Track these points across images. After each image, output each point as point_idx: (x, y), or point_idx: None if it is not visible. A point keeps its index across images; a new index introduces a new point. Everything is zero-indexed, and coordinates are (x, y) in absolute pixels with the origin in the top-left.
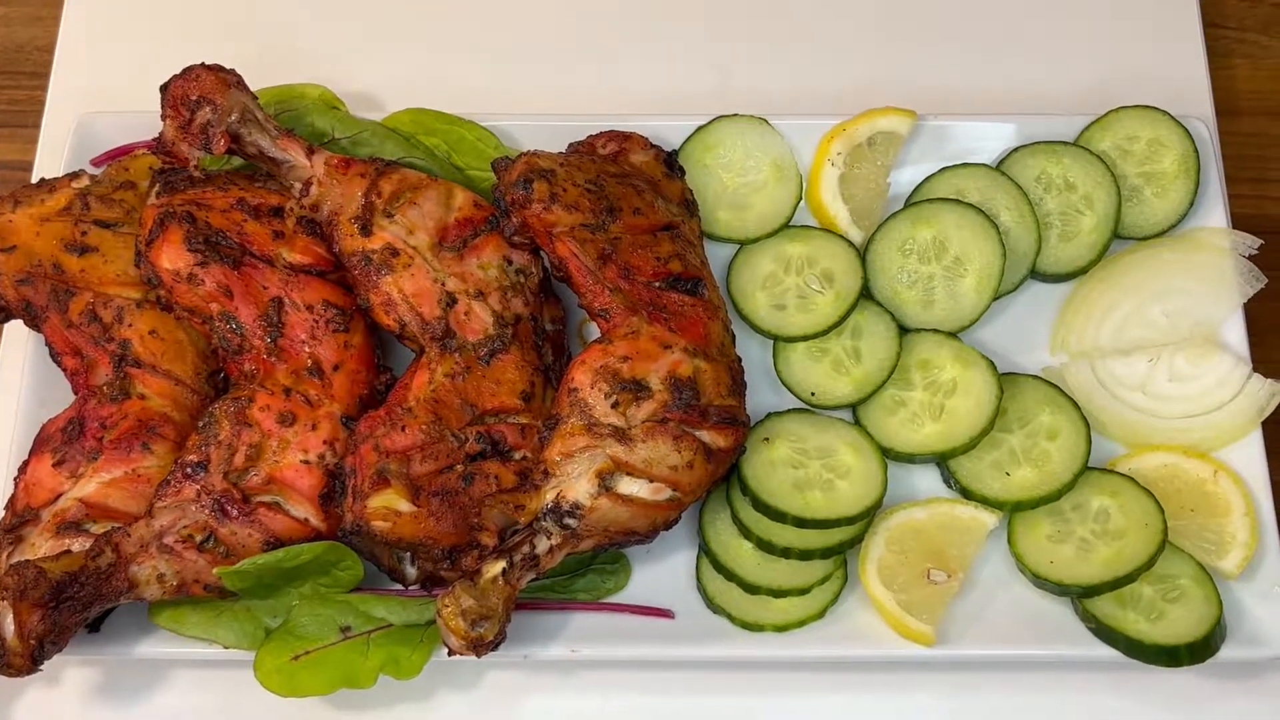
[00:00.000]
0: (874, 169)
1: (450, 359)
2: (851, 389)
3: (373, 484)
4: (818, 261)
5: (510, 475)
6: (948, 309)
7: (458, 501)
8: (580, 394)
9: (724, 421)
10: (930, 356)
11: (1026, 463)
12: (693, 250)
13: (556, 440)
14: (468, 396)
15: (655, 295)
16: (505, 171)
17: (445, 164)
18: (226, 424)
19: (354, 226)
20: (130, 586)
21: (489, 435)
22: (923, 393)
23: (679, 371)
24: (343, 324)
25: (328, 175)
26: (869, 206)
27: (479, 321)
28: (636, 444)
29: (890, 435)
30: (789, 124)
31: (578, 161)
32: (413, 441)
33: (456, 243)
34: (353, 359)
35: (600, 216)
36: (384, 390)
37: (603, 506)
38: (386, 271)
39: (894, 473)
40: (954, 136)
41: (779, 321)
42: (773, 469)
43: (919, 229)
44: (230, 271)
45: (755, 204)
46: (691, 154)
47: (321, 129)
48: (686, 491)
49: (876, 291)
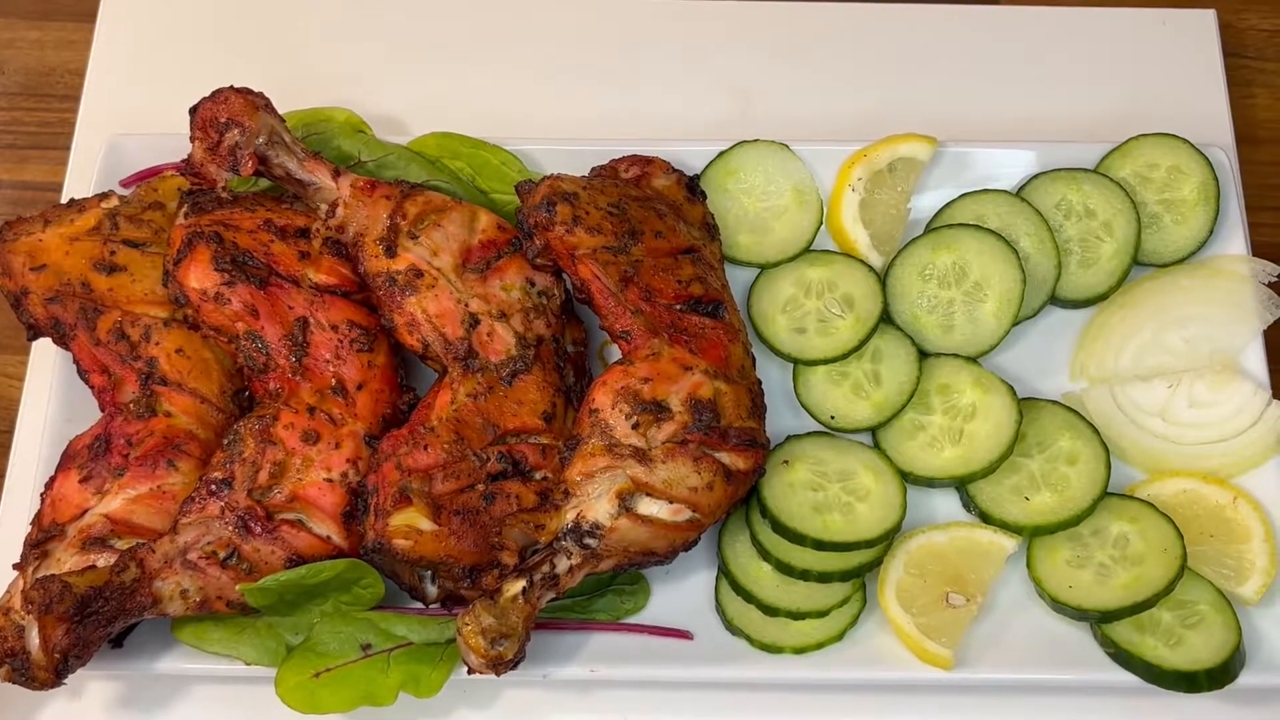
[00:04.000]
0: (894, 194)
1: (473, 379)
2: (871, 412)
3: (395, 502)
4: (838, 286)
5: (531, 495)
6: (968, 334)
7: (479, 520)
8: (601, 415)
9: (744, 443)
10: (950, 381)
11: (1046, 488)
12: (714, 273)
13: (577, 460)
14: (489, 416)
15: (676, 318)
16: (529, 194)
17: (469, 187)
18: (251, 441)
19: (379, 248)
20: (154, 602)
21: (510, 455)
22: (942, 417)
23: (699, 393)
24: (367, 344)
25: (353, 197)
26: (889, 231)
27: (501, 342)
28: (657, 465)
29: (910, 459)
30: (810, 149)
31: (600, 185)
32: (435, 460)
33: (480, 264)
34: (376, 378)
35: (622, 239)
36: (407, 410)
37: (622, 527)
38: (410, 292)
39: (913, 496)
40: (974, 163)
41: (799, 345)
42: (792, 491)
43: (939, 254)
44: (256, 291)
45: (776, 228)
46: (713, 178)
47: (348, 152)
48: (706, 513)
49: (896, 316)
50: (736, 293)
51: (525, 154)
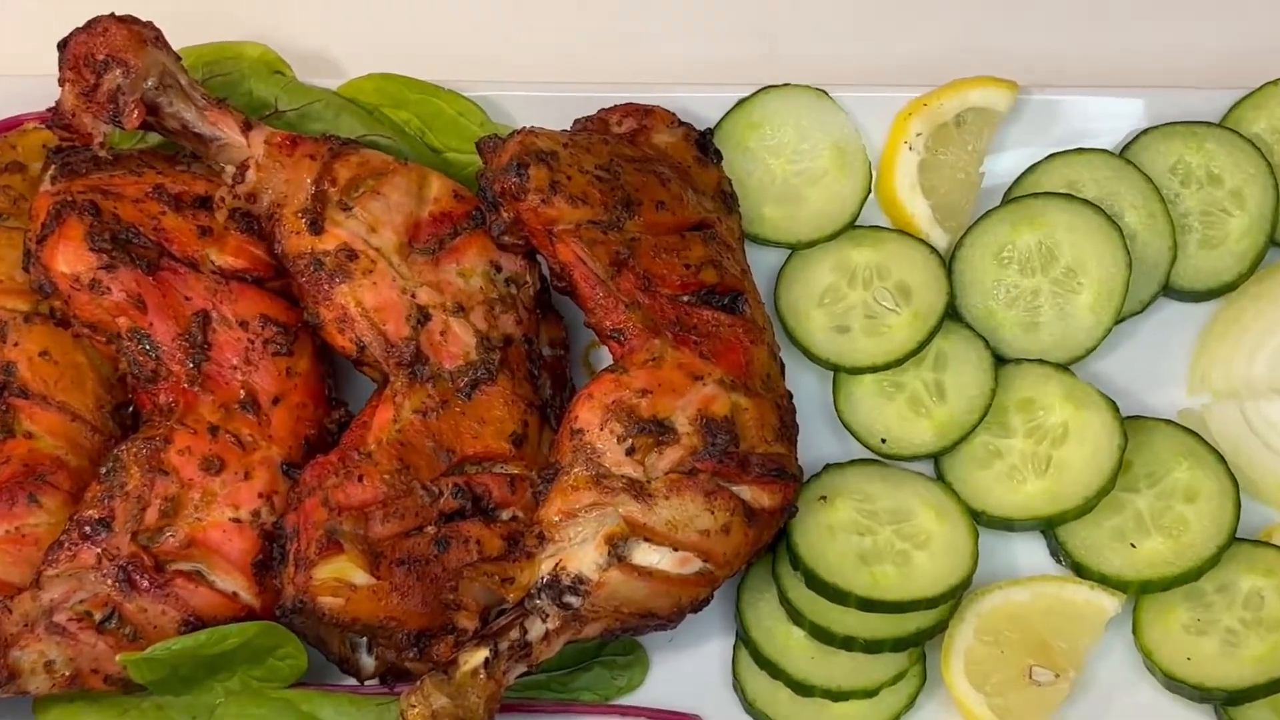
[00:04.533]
0: (963, 155)
1: (421, 391)
2: (933, 435)
3: (321, 549)
4: (891, 272)
5: (495, 540)
6: (1057, 334)
7: (428, 573)
8: (586, 437)
9: (770, 474)
10: (1034, 394)
11: (1157, 531)
12: (731, 255)
13: (556, 496)
14: (443, 439)
15: (683, 312)
16: (494, 153)
17: (418, 144)
18: (136, 471)
19: (301, 222)
20: (10, 676)
21: (469, 489)
22: (1024, 440)
23: (713, 409)
24: (285, 345)
25: (269, 157)
26: (956, 202)
27: (458, 344)
28: (658, 502)
29: (983, 494)
30: (855, 97)
31: (586, 142)
32: (372, 495)
33: (431, 243)
34: (297, 390)
35: (614, 212)
36: (336, 430)
37: (614, 581)
38: (342, 279)
39: (987, 542)
40: (1066, 115)
41: (841, 347)
42: (832, 536)
43: (1021, 232)
44: (144, 277)
45: (811, 198)
46: (731, 134)
47: (262, 98)
48: (721, 563)
49: (966, 311)
50: (761, 280)
51: (490, 102)
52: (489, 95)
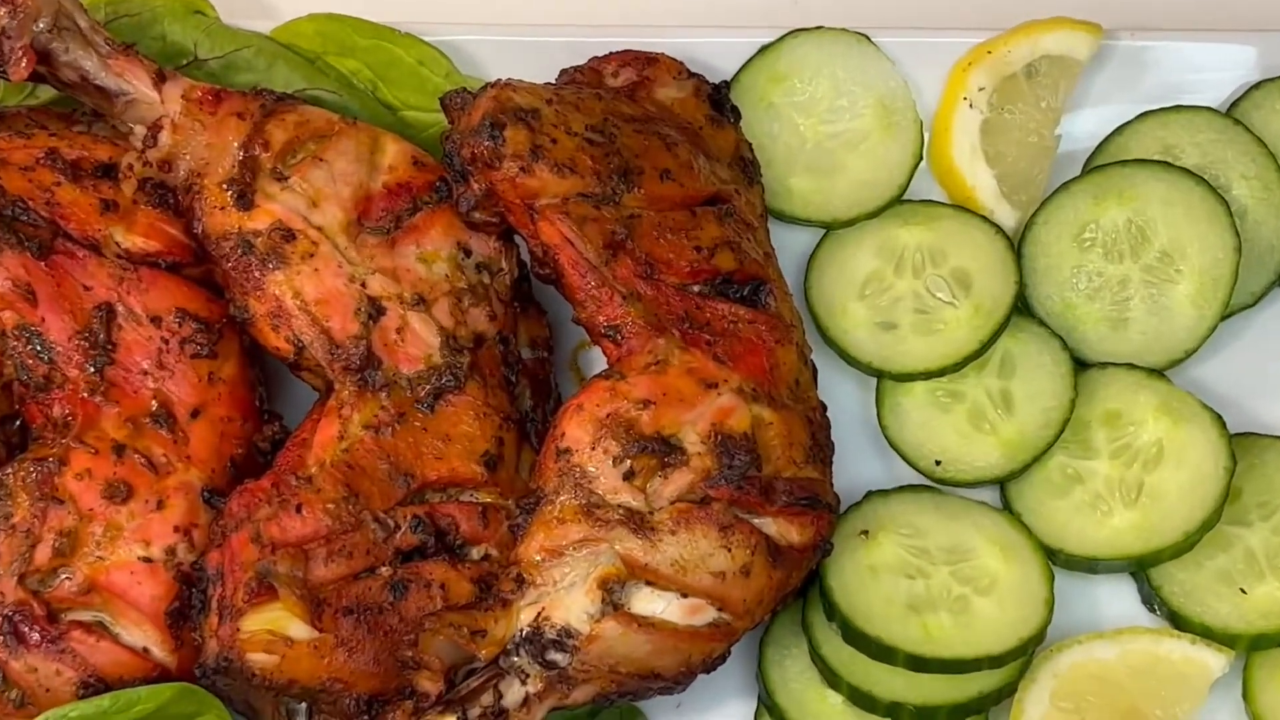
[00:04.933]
0: (1036, 113)
1: (373, 402)
2: (999, 455)
3: (250, 594)
4: (947, 256)
5: (463, 584)
6: (1149, 332)
7: (381, 624)
8: (575, 458)
9: (799, 504)
10: (1122, 406)
11: (1273, 574)
12: (751, 236)
13: (538, 530)
14: (400, 460)
15: (693, 305)
16: (462, 111)
17: (369, 100)
18: (24, 499)
19: (227, 195)
20: None
21: (431, 521)
22: (1110, 463)
23: (729, 424)
24: (206, 346)
25: (187, 115)
26: (1027, 171)
27: (418, 344)
28: (662, 537)
29: (1059, 528)
30: (903, 43)
31: (575, 98)
32: (313, 529)
33: (385, 222)
34: (221, 400)
35: (609, 182)
36: (269, 449)
37: (609, 634)
38: (276, 265)
39: (1064, 586)
40: (1161, 64)
41: (886, 348)
42: (875, 579)
43: (1106, 207)
44: (34, 263)
45: (850, 166)
46: (752, 88)
47: (179, 44)
48: (739, 612)
49: (1039, 304)
50: (788, 267)
51: (457, 49)
52: (456, 40)
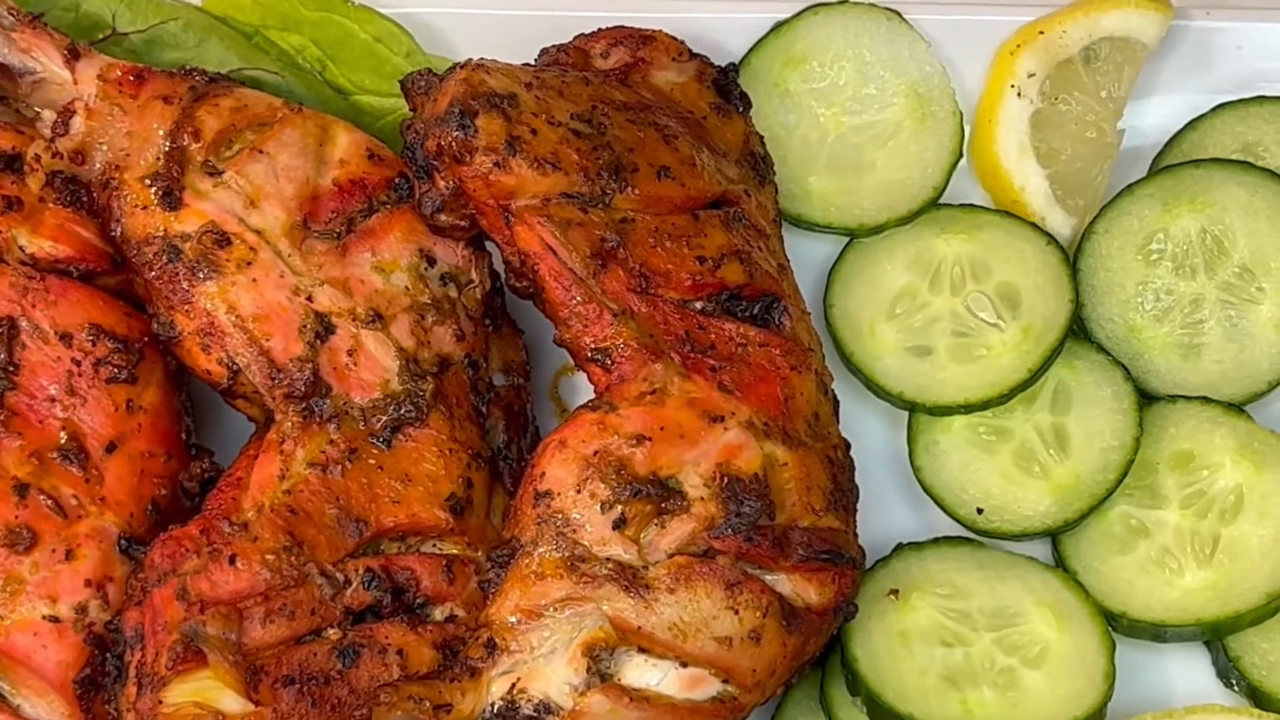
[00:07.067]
0: (1095, 104)
1: (320, 435)
2: (1050, 503)
3: (175, 660)
4: (990, 270)
5: (425, 649)
6: (1227, 360)
7: (328, 696)
8: (557, 502)
9: (818, 558)
10: (1195, 447)
11: None
12: (763, 245)
13: (513, 587)
14: (351, 504)
15: (695, 324)
16: (426, 96)
17: (316, 81)
18: None
19: (150, 192)
20: None
21: (387, 575)
22: (1181, 513)
23: (737, 465)
24: (124, 369)
25: (104, 98)
26: (1084, 172)
27: (374, 368)
28: (659, 596)
29: (1122, 589)
30: (941, 20)
31: (558, 82)
32: (249, 584)
33: (335, 224)
34: (141, 433)
35: (598, 181)
36: (197, 490)
37: (595, 710)
38: (208, 274)
39: (1127, 657)
40: (1240, 48)
41: (920, 377)
42: (906, 647)
43: (1176, 215)
44: None
45: (878, 164)
46: (764, 71)
47: (95, 15)
48: (747, 684)
49: (1098, 327)
50: (805, 280)
51: (418, 23)
52: (417, 13)
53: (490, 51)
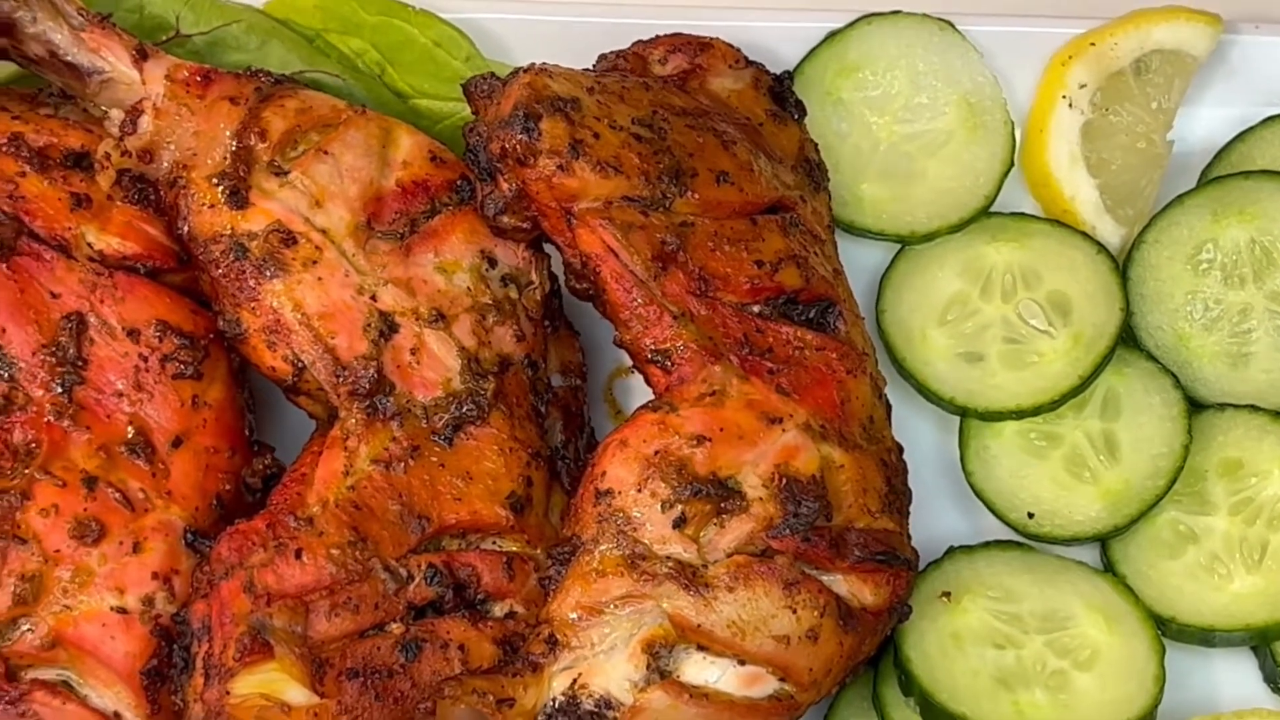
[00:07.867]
0: (1145, 115)
1: (384, 433)
2: (1101, 508)
3: (242, 653)
4: (1041, 278)
5: (486, 645)
6: (1277, 370)
7: (392, 689)
8: (618, 501)
9: (873, 559)
10: (1244, 455)
11: None
12: (819, 250)
13: (573, 584)
14: (414, 501)
15: (753, 327)
16: (490, 100)
17: (376, 84)
18: None
19: (217, 191)
20: None
21: (449, 571)
22: (1230, 519)
23: (796, 466)
24: (190, 365)
25: (171, 99)
26: (1134, 182)
27: (436, 367)
28: (718, 595)
29: (1171, 594)
30: (994, 32)
31: (619, 87)
32: (315, 578)
33: (399, 225)
34: (206, 428)
35: (659, 185)
36: (261, 486)
37: (655, 705)
38: (274, 272)
39: (1176, 661)
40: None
41: (972, 383)
42: (959, 648)
43: (1226, 225)
44: None
45: (930, 172)
46: (818, 79)
47: (161, 17)
48: (804, 683)
49: (1148, 335)
50: (858, 286)
51: (479, 28)
52: (478, 18)
53: (548, 57)
